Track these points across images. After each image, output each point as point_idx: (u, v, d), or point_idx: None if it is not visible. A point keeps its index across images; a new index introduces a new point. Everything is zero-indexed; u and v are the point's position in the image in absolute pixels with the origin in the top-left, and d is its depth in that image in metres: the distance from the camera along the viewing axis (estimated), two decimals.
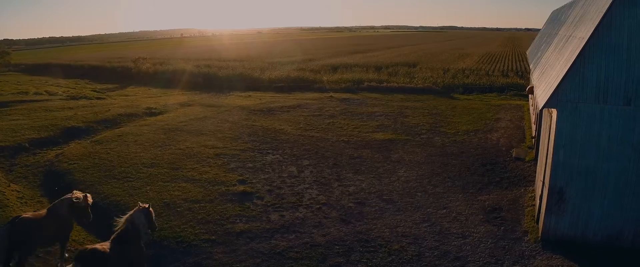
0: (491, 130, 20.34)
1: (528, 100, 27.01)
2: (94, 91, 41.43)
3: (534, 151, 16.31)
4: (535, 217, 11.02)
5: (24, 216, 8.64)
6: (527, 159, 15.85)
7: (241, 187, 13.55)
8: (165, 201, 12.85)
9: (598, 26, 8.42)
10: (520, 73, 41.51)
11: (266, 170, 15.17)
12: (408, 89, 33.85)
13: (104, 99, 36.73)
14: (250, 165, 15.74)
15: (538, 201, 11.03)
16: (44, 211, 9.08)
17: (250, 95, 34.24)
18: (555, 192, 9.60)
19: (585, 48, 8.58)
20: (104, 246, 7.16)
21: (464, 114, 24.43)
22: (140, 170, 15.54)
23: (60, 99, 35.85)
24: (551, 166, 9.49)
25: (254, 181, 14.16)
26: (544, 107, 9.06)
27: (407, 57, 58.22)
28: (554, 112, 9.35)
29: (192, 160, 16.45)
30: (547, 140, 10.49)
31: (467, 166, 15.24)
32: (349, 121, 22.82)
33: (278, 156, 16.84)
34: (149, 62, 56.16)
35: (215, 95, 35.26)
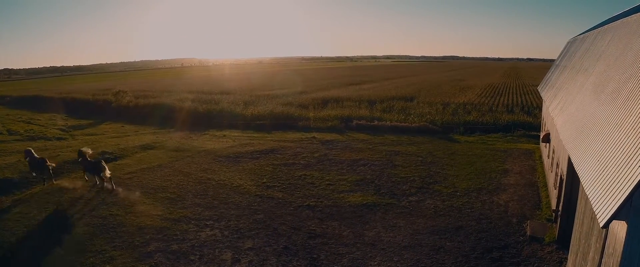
0: (497, 189, 16.31)
1: (539, 142, 23.13)
2: (61, 129, 37.95)
3: (555, 225, 12.27)
4: None
5: None
6: (547, 239, 11.78)
7: None
8: None
9: None
10: (526, 108, 37.69)
11: (191, 257, 11.16)
12: (401, 128, 30.01)
13: (65, 139, 33.18)
14: (175, 247, 11.75)
15: None
16: None
17: (225, 135, 30.54)
18: None
19: None
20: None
21: (465, 163, 20.44)
22: (32, 254, 11.76)
23: (16, 139, 32.45)
24: None
25: None
26: (610, 220, 5.03)
27: (405, 90, 54.69)
28: (620, 225, 5.39)
29: (105, 237, 12.56)
30: (596, 258, 6.46)
31: (466, 253, 11.15)
32: (324, 174, 18.90)
33: (217, 230, 12.84)
34: (130, 96, 53.23)
35: (187, 135, 31.61)
